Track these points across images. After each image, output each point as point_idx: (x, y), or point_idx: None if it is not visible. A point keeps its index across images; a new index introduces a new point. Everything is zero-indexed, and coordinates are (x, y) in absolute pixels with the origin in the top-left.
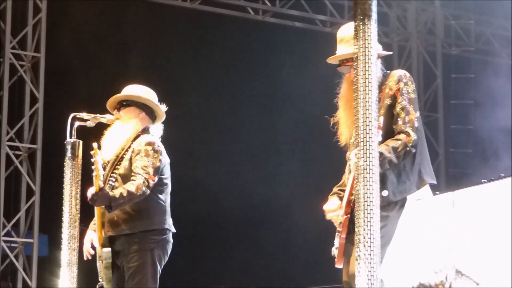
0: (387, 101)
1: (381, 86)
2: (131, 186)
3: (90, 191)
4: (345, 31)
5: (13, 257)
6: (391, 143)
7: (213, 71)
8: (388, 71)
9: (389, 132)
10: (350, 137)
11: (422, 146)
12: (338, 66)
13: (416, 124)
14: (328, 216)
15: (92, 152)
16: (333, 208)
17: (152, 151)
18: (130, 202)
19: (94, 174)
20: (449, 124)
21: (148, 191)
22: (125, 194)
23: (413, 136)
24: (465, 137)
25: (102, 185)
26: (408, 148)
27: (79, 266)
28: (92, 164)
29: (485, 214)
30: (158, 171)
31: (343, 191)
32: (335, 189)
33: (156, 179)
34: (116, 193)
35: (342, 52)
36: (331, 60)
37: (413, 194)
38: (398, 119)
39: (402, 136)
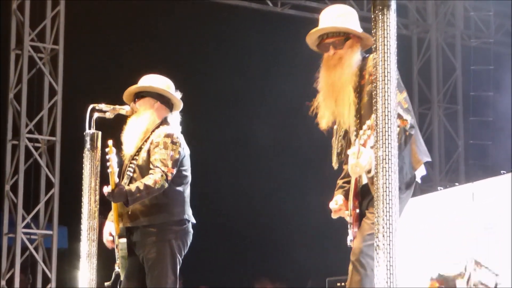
0: (369, 88)
1: (362, 72)
2: (148, 180)
3: (106, 189)
4: (331, 9)
5: (33, 249)
6: None
7: (232, 62)
8: (366, 55)
9: None
10: (333, 121)
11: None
12: (317, 45)
13: (406, 105)
14: (334, 215)
15: (107, 150)
16: (337, 208)
17: (171, 143)
18: (148, 196)
19: (109, 170)
20: (469, 116)
21: (167, 184)
22: (142, 187)
23: (408, 118)
24: (484, 129)
25: (117, 180)
26: (407, 133)
27: (98, 257)
28: (108, 161)
29: (505, 205)
30: (177, 163)
31: (348, 182)
32: (339, 182)
33: (174, 171)
34: (133, 187)
35: (324, 25)
36: (312, 36)
37: (411, 175)
38: None
39: (398, 122)
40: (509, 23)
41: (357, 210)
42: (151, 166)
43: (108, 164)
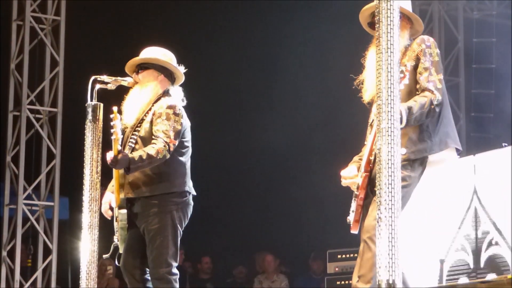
0: (411, 63)
1: (406, 51)
2: (151, 150)
3: (109, 155)
4: None
5: (34, 220)
6: (419, 99)
7: (245, 37)
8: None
9: (413, 93)
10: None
11: (446, 109)
12: (369, 22)
13: (439, 86)
14: (344, 182)
15: (111, 116)
16: (350, 175)
17: (173, 114)
18: (150, 165)
19: (113, 137)
20: (471, 88)
21: (169, 155)
22: (144, 156)
23: (437, 95)
24: (486, 101)
25: (120, 148)
26: (433, 106)
27: (100, 228)
28: (111, 127)
29: (506, 177)
30: (179, 134)
31: None
32: (355, 158)
33: (177, 142)
34: (136, 155)
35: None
36: (365, 13)
37: (434, 154)
38: (421, 78)
39: (427, 93)
40: None
41: (367, 174)
42: (153, 137)
43: (112, 130)
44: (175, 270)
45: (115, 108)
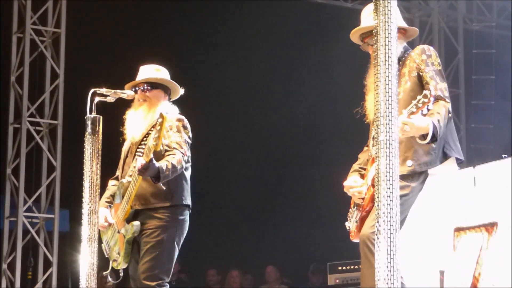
0: (414, 74)
1: (405, 61)
2: (173, 160)
3: (140, 161)
4: (367, 8)
5: (34, 233)
6: (440, 110)
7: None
8: (411, 49)
9: (407, 102)
10: None
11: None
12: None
13: (446, 93)
14: (352, 191)
15: (159, 120)
16: (355, 185)
17: (183, 127)
18: (173, 175)
19: (154, 143)
20: (470, 99)
21: (185, 166)
22: (170, 166)
23: (449, 102)
24: (486, 112)
25: (152, 156)
26: (450, 114)
27: (100, 241)
28: (158, 131)
29: (506, 189)
30: (188, 147)
31: (364, 169)
32: (355, 167)
33: (188, 155)
34: (163, 165)
35: (361, 25)
36: (355, 35)
37: (436, 168)
38: (430, 87)
39: (442, 102)
40: (511, 6)
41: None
42: (167, 148)
43: (156, 135)
44: (166, 285)
45: (164, 113)
